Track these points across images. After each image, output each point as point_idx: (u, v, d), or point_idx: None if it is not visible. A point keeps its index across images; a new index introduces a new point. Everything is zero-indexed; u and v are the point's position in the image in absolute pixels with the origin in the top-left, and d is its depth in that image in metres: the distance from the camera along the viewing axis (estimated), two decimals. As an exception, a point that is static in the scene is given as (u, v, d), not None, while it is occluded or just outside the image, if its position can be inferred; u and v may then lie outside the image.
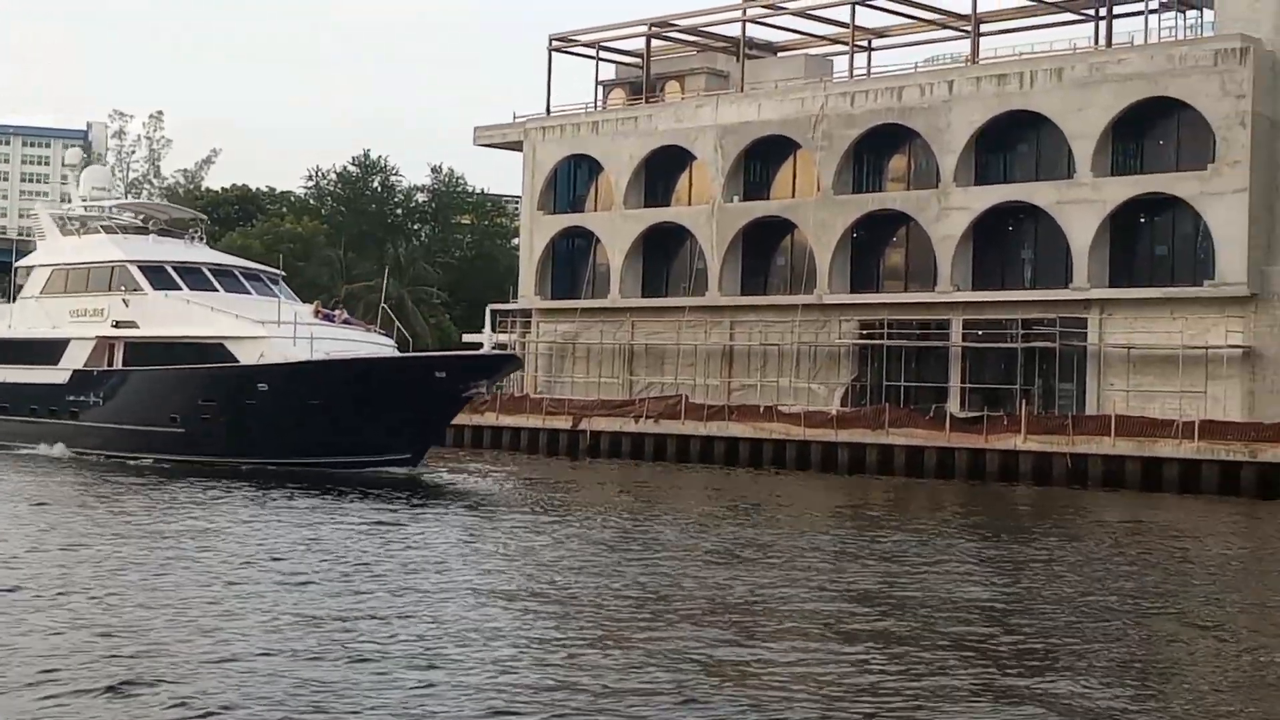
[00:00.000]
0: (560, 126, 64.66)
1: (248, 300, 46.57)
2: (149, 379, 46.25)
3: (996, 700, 14.67)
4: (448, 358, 46.33)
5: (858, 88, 56.17)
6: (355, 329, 46.83)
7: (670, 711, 13.91)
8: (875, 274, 56.39)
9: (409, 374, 42.54)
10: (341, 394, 41.54)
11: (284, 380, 42.49)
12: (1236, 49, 46.77)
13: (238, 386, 43.50)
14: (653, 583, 21.79)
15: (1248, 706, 14.94)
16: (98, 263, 49.35)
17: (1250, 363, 46.68)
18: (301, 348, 42.65)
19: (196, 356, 44.87)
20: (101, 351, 47.71)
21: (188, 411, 44.47)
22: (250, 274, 49.39)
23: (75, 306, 49.34)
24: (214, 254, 52.47)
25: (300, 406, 41.77)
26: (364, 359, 43.09)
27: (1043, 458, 45.65)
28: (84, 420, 47.60)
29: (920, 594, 21.35)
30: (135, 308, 47.10)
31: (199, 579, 20.95)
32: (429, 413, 42.72)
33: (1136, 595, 22.00)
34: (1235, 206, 46.73)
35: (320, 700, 13.95)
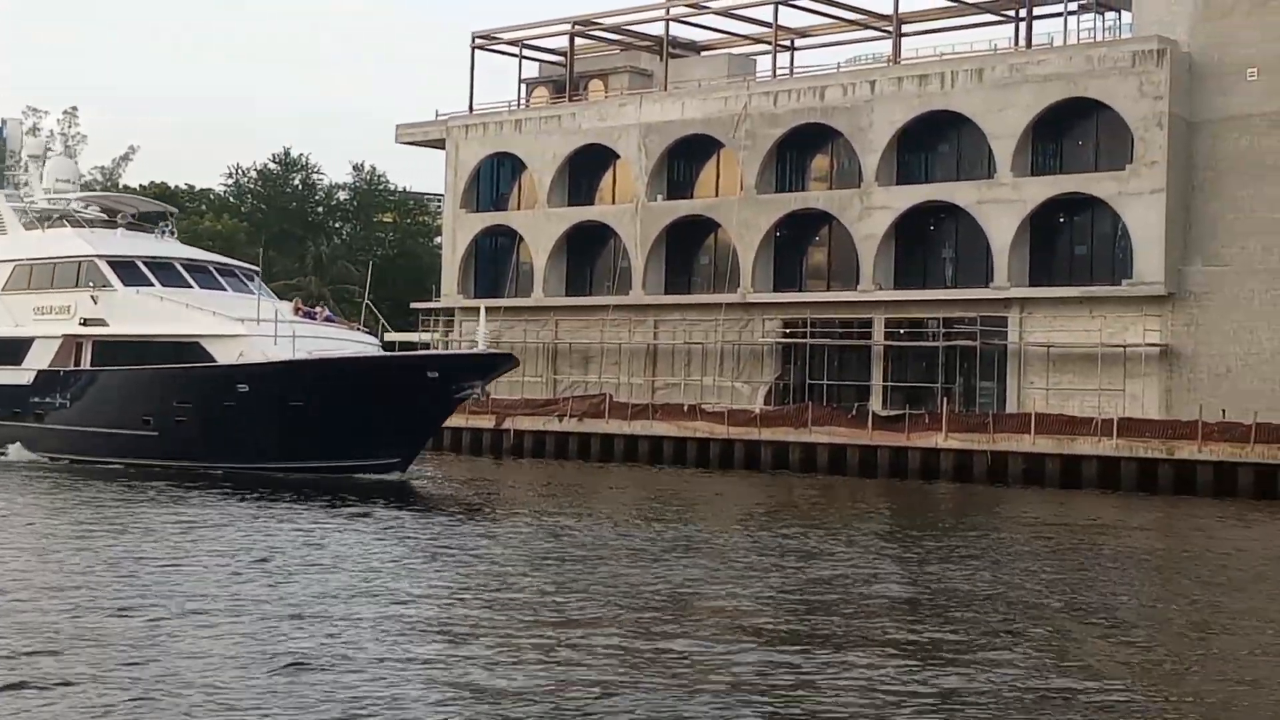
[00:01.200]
0: (483, 125, 64.44)
1: (224, 297, 44.78)
2: (120, 379, 44.15)
3: (907, 695, 14.72)
4: (441, 357, 44.83)
5: (780, 87, 56.35)
6: (337, 327, 45.14)
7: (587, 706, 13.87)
8: (798, 273, 56.60)
9: (399, 374, 40.80)
10: (326, 395, 39.61)
11: (265, 381, 40.50)
12: (1154, 50, 47.31)
13: (215, 387, 41.51)
14: (576, 583, 21.72)
15: (1153, 699, 15.08)
16: (64, 258, 47.08)
17: (1167, 361, 47.23)
18: (283, 347, 40.74)
19: (171, 356, 42.92)
20: (68, 351, 45.63)
21: (162, 414, 42.43)
22: (225, 270, 47.48)
23: (40, 304, 47.11)
24: (187, 249, 50.48)
25: (282, 408, 39.90)
26: (350, 358, 41.30)
27: (964, 455, 45.99)
28: (50, 423, 45.46)
29: (836, 591, 21.40)
30: (104, 305, 44.97)
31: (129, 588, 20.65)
32: (419, 415, 40.65)
33: (1049, 592, 22.16)
34: (1152, 207, 47.27)
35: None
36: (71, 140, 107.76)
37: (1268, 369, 45.60)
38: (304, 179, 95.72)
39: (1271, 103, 46.49)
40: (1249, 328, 46.09)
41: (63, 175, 53.26)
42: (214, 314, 42.83)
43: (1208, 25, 47.72)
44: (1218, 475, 41.80)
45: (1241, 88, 47.03)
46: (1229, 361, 46.31)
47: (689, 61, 65.16)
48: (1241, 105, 47.07)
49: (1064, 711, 14.38)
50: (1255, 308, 46.09)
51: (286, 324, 41.74)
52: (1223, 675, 16.42)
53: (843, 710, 14.15)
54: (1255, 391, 45.26)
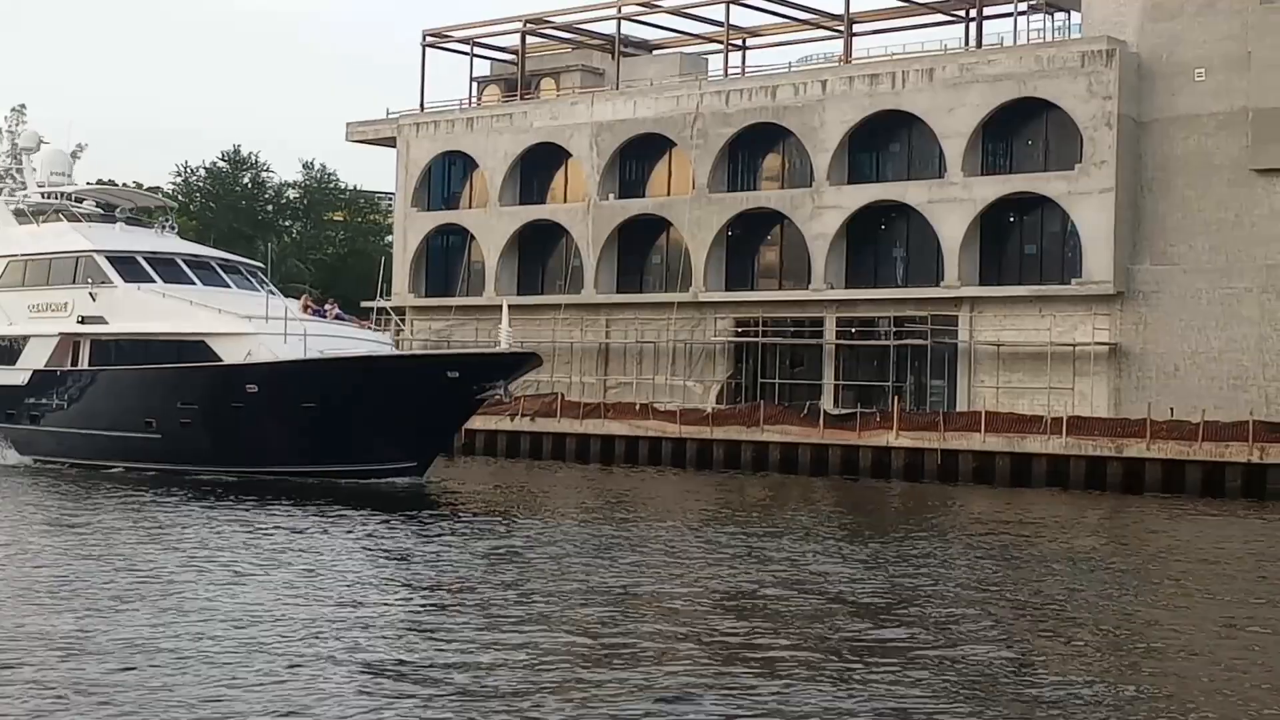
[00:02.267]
0: (434, 123, 64.21)
1: (229, 294, 43.20)
2: (120, 380, 42.39)
3: (856, 692, 14.72)
4: (462, 356, 42.88)
5: (732, 86, 56.39)
6: (348, 325, 43.47)
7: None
8: (750, 272, 56.65)
9: (417, 374, 39.19)
10: (340, 396, 37.90)
11: (275, 381, 38.76)
12: (1103, 51, 47.58)
13: (223, 388, 39.82)
14: (529, 584, 21.67)
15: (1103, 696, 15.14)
16: (60, 253, 45.33)
17: (1116, 360, 47.53)
18: (293, 345, 39.11)
19: (174, 355, 41.25)
20: (65, 350, 44.03)
21: (165, 415, 40.64)
22: (229, 266, 45.81)
23: (35, 301, 45.44)
24: (188, 244, 48.75)
25: (293, 410, 38.20)
26: (365, 358, 39.66)
27: (915, 454, 46.14)
28: (46, 425, 43.89)
29: (785, 589, 21.40)
30: (103, 302, 43.32)
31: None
32: (438, 417, 38.99)
33: (993, 589, 22.23)
34: (1102, 206, 47.55)
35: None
36: (19, 138, 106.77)
37: (1215, 368, 45.94)
38: (253, 177, 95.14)
39: (1219, 103, 46.85)
40: (1197, 327, 46.42)
41: (57, 168, 51.12)
42: (220, 311, 41.26)
43: (1156, 26, 48.04)
44: (1166, 473, 42.07)
45: (1189, 88, 47.36)
46: (1177, 360, 46.63)
47: (641, 60, 65.14)
48: (1190, 105, 47.40)
49: (999, 705, 14.42)
50: (1203, 307, 46.42)
51: (296, 322, 40.31)
52: (1159, 671, 16.49)
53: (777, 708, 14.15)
54: (1203, 390, 45.59)
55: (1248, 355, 45.52)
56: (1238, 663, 17.01)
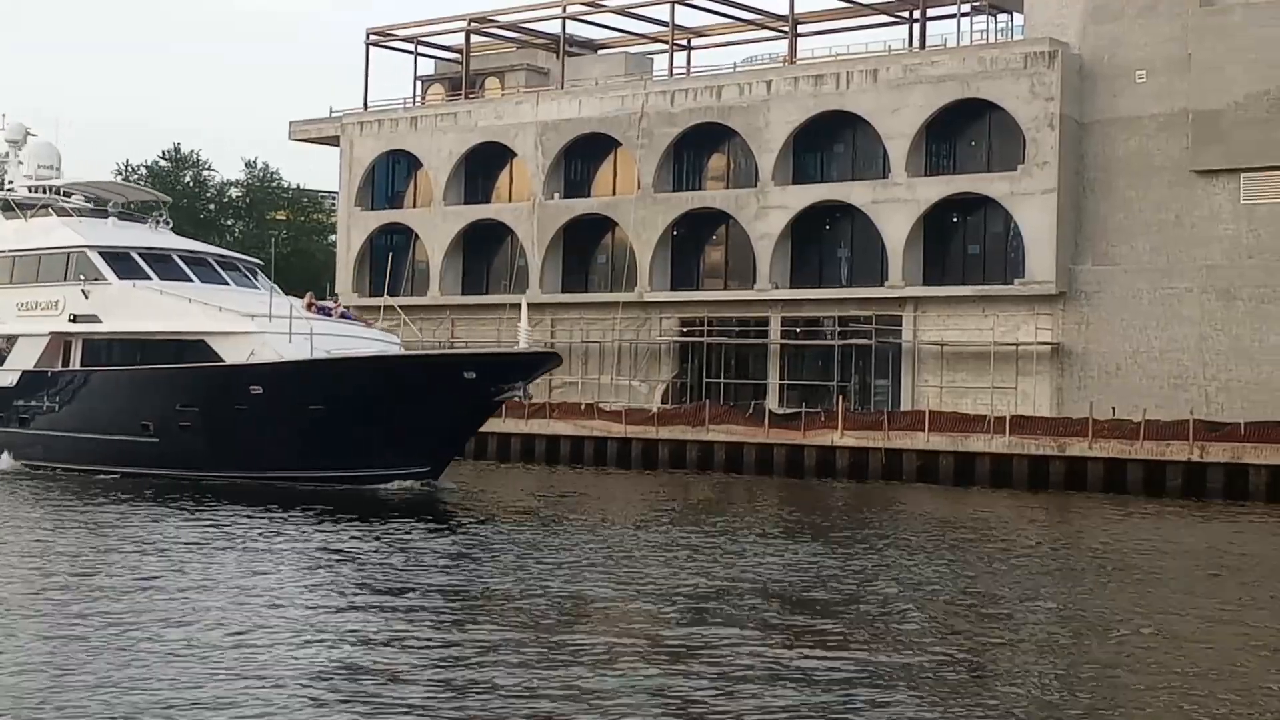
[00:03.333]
0: (378, 122, 63.95)
1: (229, 292, 41.41)
2: (115, 381, 40.61)
3: (797, 687, 14.74)
4: (479, 356, 40.94)
5: (677, 86, 56.43)
6: (354, 324, 41.48)
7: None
8: (695, 272, 56.71)
9: (432, 375, 37.20)
10: (349, 398, 36.12)
11: (281, 382, 37.03)
12: (1045, 52, 47.89)
13: (225, 389, 37.98)
14: (469, 586, 21.61)
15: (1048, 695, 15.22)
16: (50, 249, 43.39)
17: (1059, 359, 47.85)
18: (298, 345, 37.29)
19: (172, 355, 39.48)
20: (55, 350, 42.28)
21: (163, 418, 38.86)
22: (226, 262, 44.08)
23: (23, 299, 43.55)
24: (184, 240, 46.89)
25: (300, 413, 36.44)
26: (376, 358, 37.91)
27: (859, 453, 46.29)
28: (36, 428, 42.12)
29: (728, 588, 21.43)
30: (97, 300, 41.37)
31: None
32: (453, 419, 37.29)
33: (932, 586, 22.33)
34: (1044, 207, 47.86)
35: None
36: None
37: (1156, 367, 46.34)
38: (195, 175, 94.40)
39: (1160, 104, 47.25)
40: (1138, 326, 46.80)
41: (45, 160, 49.07)
42: (220, 309, 39.39)
43: (1098, 28, 48.41)
44: (1107, 472, 42.38)
45: (1131, 90, 47.75)
46: (1118, 359, 47.01)
47: (586, 60, 65.10)
48: (1131, 107, 47.79)
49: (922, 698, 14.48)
50: (1144, 307, 46.80)
51: (302, 320, 38.45)
52: (1104, 667, 16.60)
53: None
54: (1144, 389, 45.97)
55: (1188, 355, 45.94)
56: (1181, 655, 17.15)
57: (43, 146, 49.87)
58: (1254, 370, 44.95)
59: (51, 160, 49.33)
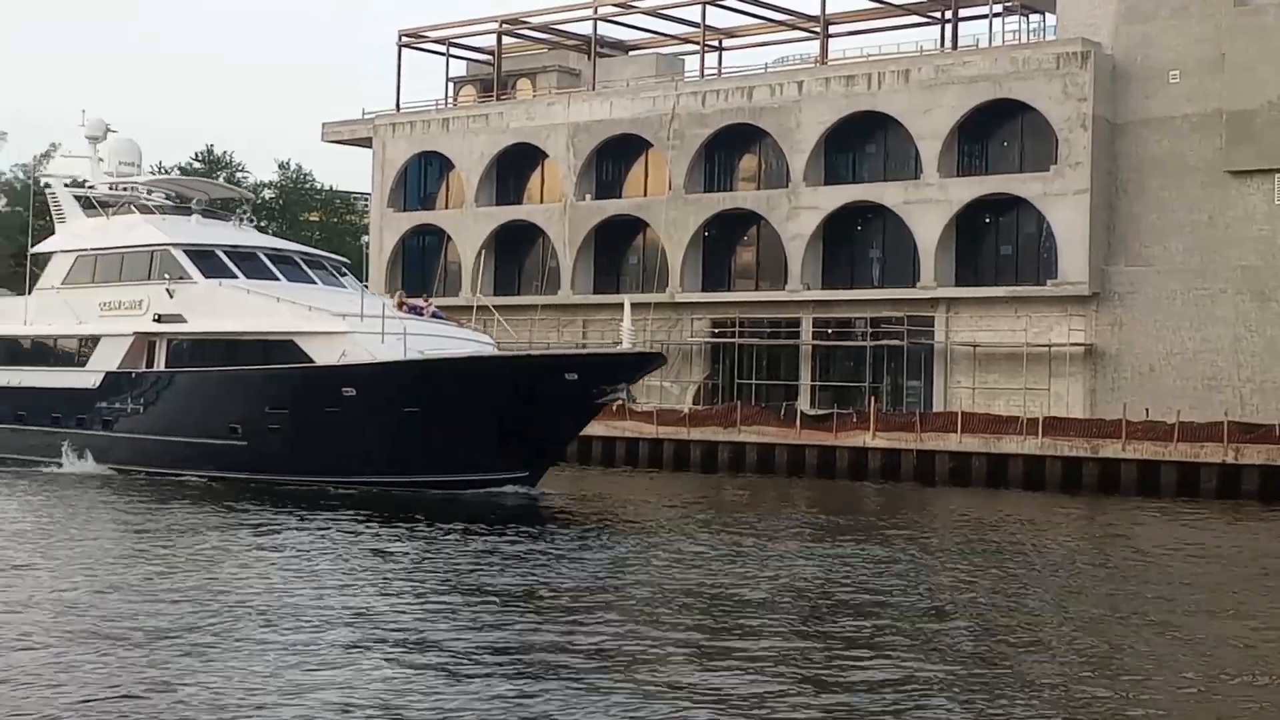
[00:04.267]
0: (410, 123, 64.14)
1: (317, 291, 40.21)
2: (201, 382, 39.48)
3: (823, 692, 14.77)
4: (581, 356, 39.66)
5: (709, 87, 56.46)
6: (446, 324, 40.05)
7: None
8: (727, 273, 56.71)
9: (532, 376, 35.79)
10: (445, 401, 35.05)
11: (375, 384, 35.86)
12: (1078, 52, 47.75)
13: (317, 391, 36.68)
14: (514, 585, 21.68)
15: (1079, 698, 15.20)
16: (134, 247, 42.22)
17: (1091, 360, 47.71)
18: (391, 345, 36.02)
19: (260, 356, 38.17)
20: (139, 350, 41.03)
21: (252, 421, 37.71)
22: (313, 261, 42.88)
23: (106, 298, 42.42)
24: (268, 238, 46.04)
25: (394, 415, 35.34)
26: (473, 358, 36.55)
27: (891, 455, 46.21)
28: (119, 431, 41.00)
29: (758, 590, 21.44)
30: (182, 299, 40.18)
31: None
32: (553, 423, 36.05)
33: (971, 591, 22.31)
34: (1077, 207, 47.73)
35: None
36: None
37: (1190, 368, 46.17)
38: (228, 177, 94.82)
39: (1193, 105, 47.08)
40: (1171, 327, 46.64)
41: (126, 157, 47.83)
42: (310, 309, 38.18)
43: (1131, 28, 48.25)
44: (1141, 473, 42.21)
45: (1164, 90, 47.58)
46: (1152, 361, 46.85)
47: (617, 61, 65.16)
48: (1164, 107, 47.62)
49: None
50: (1177, 307, 46.64)
51: (395, 320, 37.31)
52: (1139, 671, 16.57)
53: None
54: (1178, 390, 45.81)
55: (1222, 356, 45.76)
56: (1218, 660, 17.11)
57: (123, 143, 48.66)
58: (1289, 371, 44.71)
59: (132, 157, 48.34)
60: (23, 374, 44.64)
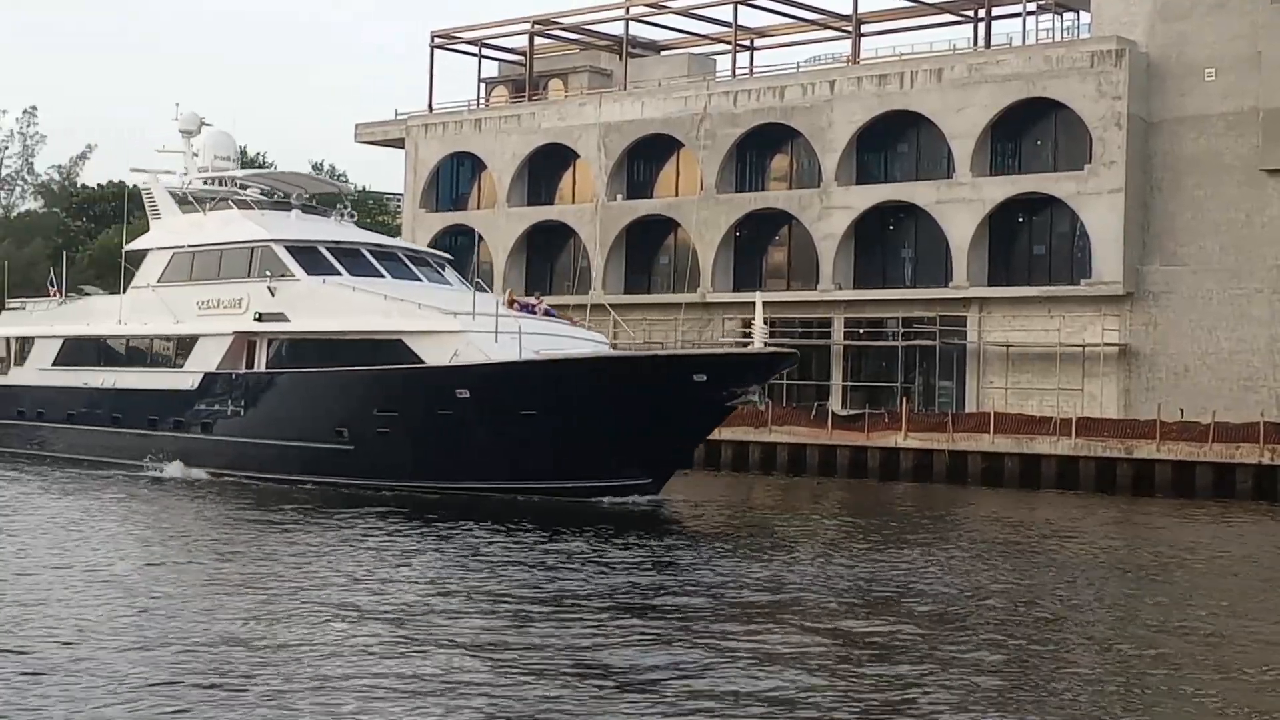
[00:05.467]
0: (442, 124, 64.19)
1: (424, 288, 38.81)
2: (305, 384, 37.89)
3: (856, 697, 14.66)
4: (710, 356, 37.64)
5: (740, 87, 56.31)
6: (559, 322, 38.27)
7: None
8: (758, 273, 56.52)
9: (658, 377, 33.91)
10: (565, 403, 33.34)
11: (491, 386, 34.17)
12: (1112, 50, 47.44)
13: (428, 393, 35.07)
14: (546, 587, 21.62)
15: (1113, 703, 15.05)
16: (233, 243, 40.94)
17: (1126, 360, 47.39)
18: (505, 345, 34.34)
19: (368, 356, 36.61)
20: (239, 350, 39.69)
21: (359, 424, 36.10)
22: (417, 257, 41.59)
23: (204, 296, 41.16)
24: (369, 233, 44.60)
25: (511, 419, 33.70)
26: (597, 359, 35.08)
27: (923, 455, 45.99)
28: (218, 434, 39.62)
29: (791, 589, 21.35)
30: (284, 297, 38.82)
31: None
32: (680, 426, 34.10)
33: (1006, 593, 22.15)
34: (1111, 206, 47.41)
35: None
36: (30, 140, 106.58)
37: (1225, 368, 45.80)
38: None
39: (1228, 103, 46.70)
40: (1206, 327, 46.28)
41: (221, 151, 46.45)
42: (419, 307, 36.64)
43: (1166, 26, 47.90)
44: (1176, 474, 41.93)
45: (1199, 88, 47.23)
46: (1187, 361, 46.50)
47: (648, 61, 65.07)
48: (1199, 105, 47.26)
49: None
50: (1213, 307, 46.29)
51: (509, 318, 35.68)
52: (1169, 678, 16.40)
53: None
54: (1213, 391, 45.47)
55: (1258, 356, 45.39)
56: (1251, 662, 16.93)
57: (219, 136, 47.30)
58: (1325, 371, 44.34)
59: (228, 151, 47.07)
60: (117, 375, 43.56)
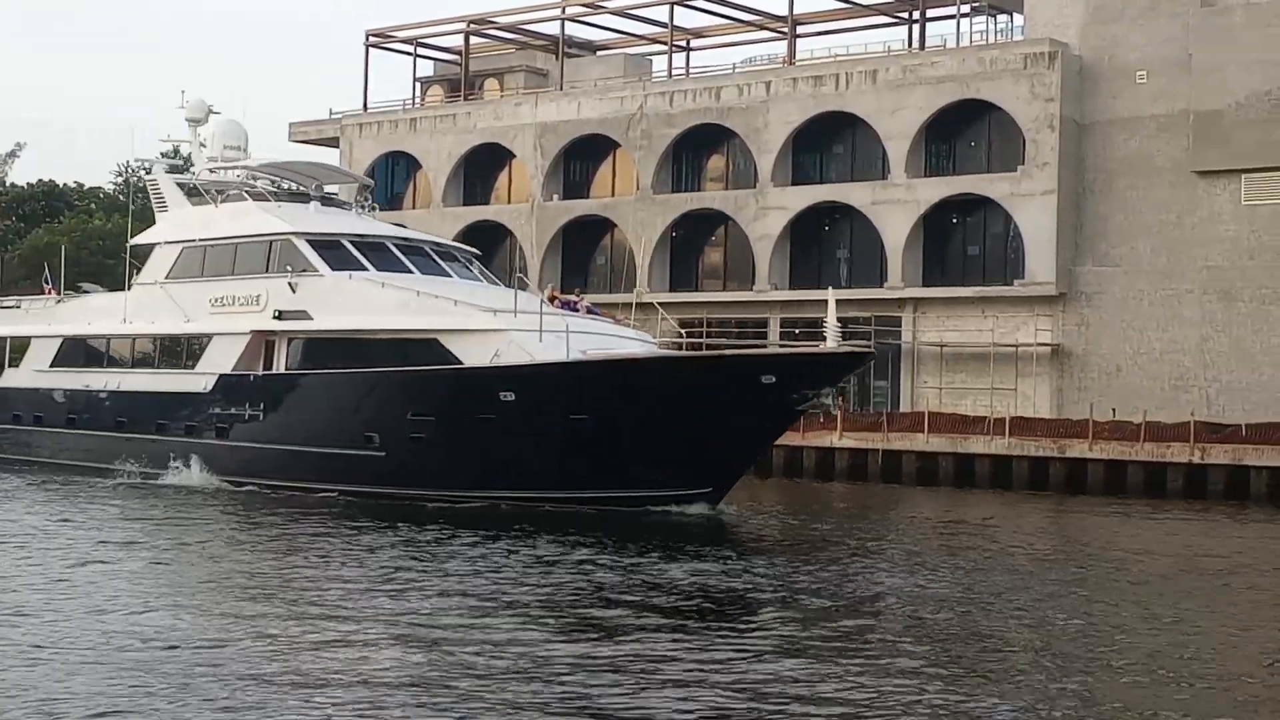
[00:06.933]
0: (377, 123, 63.87)
1: (457, 284, 36.40)
2: (332, 386, 35.36)
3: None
4: (780, 356, 34.95)
5: (676, 88, 56.33)
6: (603, 321, 35.63)
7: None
8: (694, 273, 56.56)
9: (721, 379, 31.02)
10: (619, 407, 30.88)
11: (538, 388, 31.62)
12: (1045, 53, 47.76)
13: (469, 396, 32.58)
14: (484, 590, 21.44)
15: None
16: (250, 237, 38.49)
17: (1058, 360, 47.71)
18: (550, 344, 31.83)
19: (400, 356, 34.05)
20: (256, 350, 37.28)
21: (391, 429, 33.58)
22: (444, 252, 39.03)
23: (217, 293, 38.71)
24: (393, 227, 42.56)
25: (560, 423, 31.37)
26: (654, 358, 32.82)
27: (858, 455, 46.11)
28: (235, 439, 36.99)
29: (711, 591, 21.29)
30: (306, 293, 36.34)
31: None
32: (744, 432, 31.46)
33: (937, 592, 22.20)
34: (1044, 208, 47.73)
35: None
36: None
37: (1156, 368, 46.20)
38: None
39: (1160, 105, 47.12)
40: (1138, 328, 46.67)
41: (231, 141, 44.14)
42: (456, 304, 34.11)
43: (1098, 28, 48.28)
44: (1108, 473, 42.20)
45: (1131, 90, 47.62)
46: (1119, 361, 46.87)
47: (585, 61, 65.00)
48: (1131, 108, 47.67)
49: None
50: (1144, 308, 46.67)
51: (554, 316, 33.13)
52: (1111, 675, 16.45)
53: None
54: (1144, 390, 45.85)
55: (1189, 356, 45.81)
56: (1183, 662, 17.01)
57: (228, 125, 44.92)
58: (1255, 372, 44.82)
59: (238, 140, 44.62)
60: (121, 377, 41.21)
